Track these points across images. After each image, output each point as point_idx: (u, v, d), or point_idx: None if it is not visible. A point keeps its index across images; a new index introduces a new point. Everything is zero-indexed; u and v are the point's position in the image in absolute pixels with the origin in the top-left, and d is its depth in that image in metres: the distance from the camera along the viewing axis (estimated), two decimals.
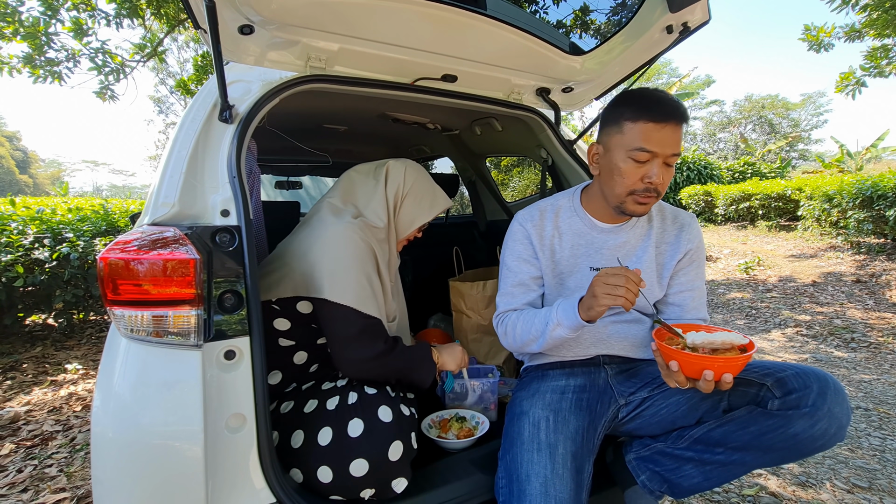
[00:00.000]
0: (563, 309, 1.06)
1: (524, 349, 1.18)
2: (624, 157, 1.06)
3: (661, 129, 1.02)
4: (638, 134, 1.04)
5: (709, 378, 0.87)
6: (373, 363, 1.13)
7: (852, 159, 12.00)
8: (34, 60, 4.54)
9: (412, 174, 1.38)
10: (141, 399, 0.85)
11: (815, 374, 0.92)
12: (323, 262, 1.12)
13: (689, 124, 1.08)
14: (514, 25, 1.31)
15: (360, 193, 1.34)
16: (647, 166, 1.05)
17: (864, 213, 5.62)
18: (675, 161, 1.07)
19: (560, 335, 1.07)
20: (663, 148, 1.03)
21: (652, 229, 1.21)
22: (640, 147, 1.03)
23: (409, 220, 1.37)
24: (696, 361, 0.88)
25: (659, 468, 1.07)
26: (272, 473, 0.91)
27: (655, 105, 1.03)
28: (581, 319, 1.01)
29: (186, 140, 1.07)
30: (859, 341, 3.57)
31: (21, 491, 1.85)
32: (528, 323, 1.14)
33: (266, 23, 1.13)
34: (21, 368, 3.18)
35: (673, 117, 1.03)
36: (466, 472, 1.13)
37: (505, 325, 1.21)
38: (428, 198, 1.40)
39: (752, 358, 0.89)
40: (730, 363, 0.86)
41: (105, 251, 0.88)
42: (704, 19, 1.32)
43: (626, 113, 1.06)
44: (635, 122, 1.04)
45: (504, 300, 1.24)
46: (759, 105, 29.69)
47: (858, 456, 2.04)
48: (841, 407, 0.89)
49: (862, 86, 5.11)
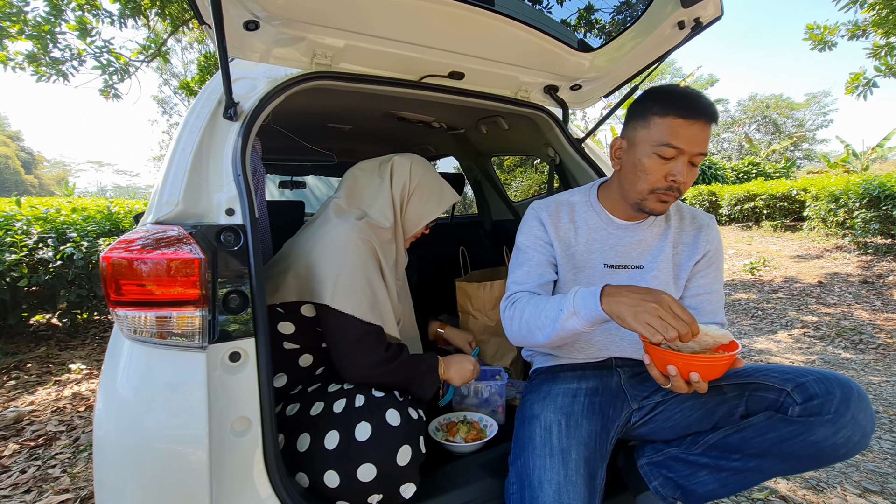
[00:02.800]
0: (581, 297, 0.93)
1: (529, 339, 1.05)
2: (649, 153, 1.02)
3: (691, 126, 0.99)
4: (665, 129, 1.00)
5: (672, 373, 0.85)
6: (372, 370, 1.11)
7: (858, 159, 11.92)
8: (38, 59, 4.54)
9: (418, 169, 1.34)
10: (144, 401, 0.84)
11: (838, 379, 0.89)
12: (325, 267, 1.10)
13: (717, 125, 1.05)
14: (523, 22, 1.29)
15: (365, 192, 1.31)
16: (672, 163, 1.01)
17: (871, 213, 5.57)
18: (701, 161, 1.04)
19: (573, 327, 0.93)
20: (690, 145, 1.00)
21: (670, 229, 1.18)
22: (666, 142, 1.00)
23: (416, 218, 1.34)
24: (667, 358, 0.85)
25: (672, 474, 1.04)
26: (278, 478, 0.89)
27: (686, 101, 1.00)
28: (603, 311, 0.88)
29: (191, 138, 1.06)
30: (867, 342, 3.53)
31: (24, 492, 1.84)
32: (538, 308, 1.02)
33: (272, 18, 1.12)
34: (25, 368, 3.18)
35: (704, 115, 0.99)
36: (476, 476, 1.11)
37: (514, 307, 1.09)
38: (436, 193, 1.36)
39: (734, 360, 0.85)
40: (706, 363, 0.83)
41: (108, 250, 0.86)
42: (717, 14, 1.29)
43: (655, 107, 1.02)
44: (664, 116, 1.01)
45: (515, 281, 1.15)
46: (764, 105, 29.57)
47: (870, 459, 2.01)
48: (865, 414, 0.86)
49: (873, 86, 5.06)
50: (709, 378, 0.86)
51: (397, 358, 1.14)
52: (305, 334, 1.17)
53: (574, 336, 0.98)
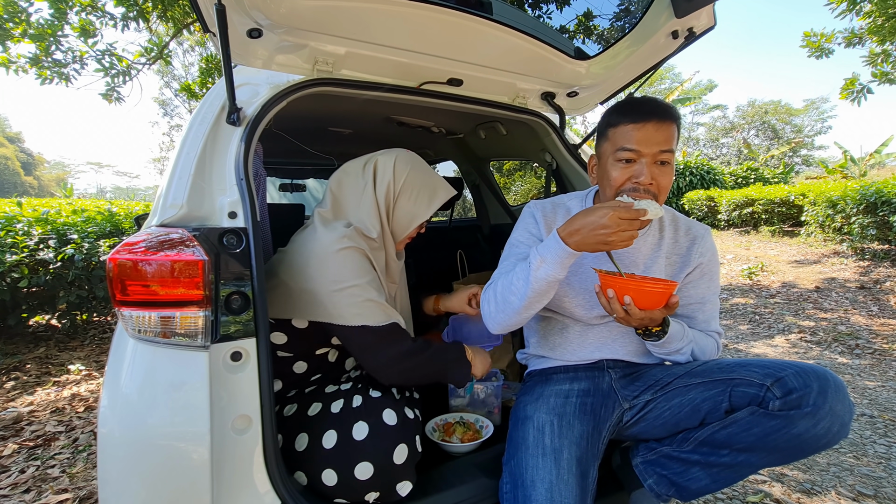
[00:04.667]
0: (543, 246, 1.01)
1: (504, 309, 1.08)
2: (613, 163, 1.08)
3: (642, 128, 1.04)
4: (620, 136, 1.06)
5: (610, 296, 0.97)
6: (403, 363, 1.09)
7: (856, 165, 11.98)
8: (41, 61, 4.57)
9: (403, 166, 1.22)
10: (148, 400, 0.86)
11: (815, 372, 0.92)
12: (321, 285, 1.07)
13: (677, 121, 1.07)
14: (520, 30, 1.31)
15: (349, 199, 1.22)
16: (634, 166, 1.05)
17: (868, 219, 5.60)
18: (669, 159, 1.06)
19: (545, 274, 0.99)
20: (647, 146, 1.04)
21: (663, 239, 1.21)
22: (621, 147, 1.06)
23: (406, 220, 1.24)
24: (607, 282, 0.98)
25: (666, 471, 1.06)
26: (277, 475, 0.91)
27: (633, 106, 1.07)
28: (567, 247, 0.96)
29: (195, 142, 1.08)
30: (864, 348, 3.55)
31: (24, 492, 1.85)
32: (508, 277, 1.08)
33: (274, 27, 1.14)
34: (24, 369, 3.19)
35: (653, 115, 1.04)
36: (471, 476, 1.13)
37: (488, 288, 1.15)
38: (426, 190, 1.24)
39: (667, 296, 0.95)
40: (634, 287, 0.94)
41: (114, 252, 0.88)
42: (710, 25, 1.32)
43: (610, 120, 1.10)
44: (617, 126, 1.08)
45: (499, 270, 1.18)
46: (762, 110, 29.69)
47: (864, 463, 2.02)
48: (843, 404, 0.89)
49: (868, 91, 5.10)
50: (642, 305, 0.96)
51: (427, 349, 1.14)
52: (298, 343, 1.16)
53: (549, 286, 1.02)
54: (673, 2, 1.24)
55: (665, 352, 1.12)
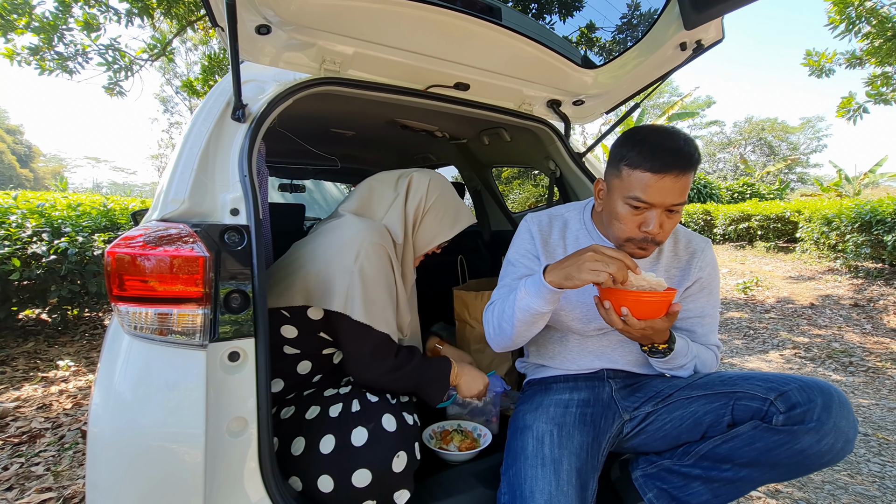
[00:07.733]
0: (530, 279, 1.03)
1: (501, 334, 1.12)
2: (622, 203, 1.00)
3: (660, 180, 0.94)
4: (635, 183, 0.97)
5: (607, 307, 0.95)
6: (382, 378, 1.12)
7: (850, 184, 12.13)
8: (42, 52, 4.54)
9: (436, 187, 1.31)
10: (142, 399, 0.83)
11: (819, 386, 0.91)
12: (339, 272, 1.08)
13: (697, 165, 0.98)
14: (529, 37, 1.31)
15: (379, 204, 1.28)
16: (644, 214, 0.99)
17: (863, 238, 5.65)
18: (681, 208, 0.99)
19: (528, 306, 1.01)
20: (662, 199, 0.96)
21: (662, 253, 1.20)
22: (635, 196, 0.97)
23: (428, 238, 1.30)
24: (605, 294, 0.96)
25: (666, 486, 1.05)
26: (272, 481, 0.89)
27: (654, 153, 0.95)
28: (546, 283, 0.97)
29: (199, 137, 1.06)
30: (857, 365, 3.56)
31: (6, 489, 1.80)
32: (503, 302, 1.11)
33: (283, 24, 1.13)
34: (12, 364, 3.13)
35: (673, 167, 0.94)
36: (469, 485, 1.11)
37: (488, 310, 1.17)
38: (451, 214, 1.32)
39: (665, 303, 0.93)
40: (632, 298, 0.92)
41: (112, 245, 0.86)
42: (718, 38, 1.33)
43: (626, 158, 0.99)
44: (633, 169, 0.97)
45: (500, 292, 1.19)
46: (759, 127, 30.06)
47: (858, 482, 2.02)
48: (847, 421, 0.88)
49: (864, 111, 5.16)
50: (640, 315, 0.94)
51: (408, 363, 1.14)
52: (308, 339, 1.15)
53: (534, 317, 1.04)
54: (682, 13, 1.24)
55: (668, 367, 1.11)
